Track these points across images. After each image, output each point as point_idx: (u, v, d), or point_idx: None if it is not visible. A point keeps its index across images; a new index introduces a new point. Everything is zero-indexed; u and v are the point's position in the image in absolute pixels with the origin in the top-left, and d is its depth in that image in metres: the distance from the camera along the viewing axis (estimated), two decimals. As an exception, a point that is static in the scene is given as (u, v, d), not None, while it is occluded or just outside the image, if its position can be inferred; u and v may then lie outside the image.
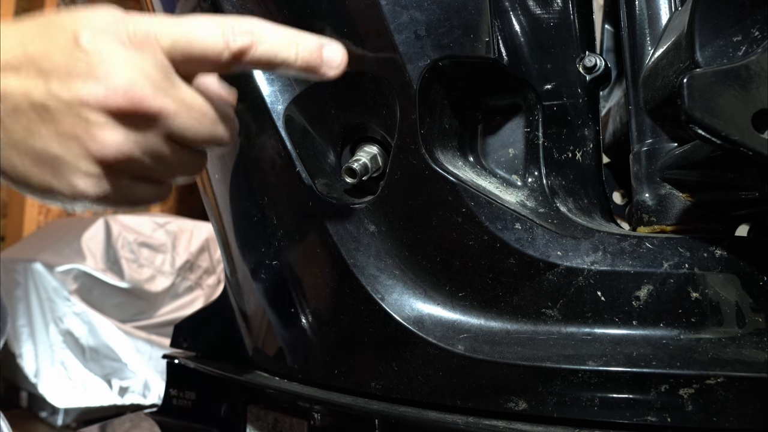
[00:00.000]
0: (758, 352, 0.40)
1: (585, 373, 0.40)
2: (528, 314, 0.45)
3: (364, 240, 0.49)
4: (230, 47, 0.37)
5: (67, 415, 2.48)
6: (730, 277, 0.42)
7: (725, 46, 0.37)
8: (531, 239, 0.45)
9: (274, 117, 0.52)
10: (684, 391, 0.39)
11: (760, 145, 0.34)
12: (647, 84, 0.45)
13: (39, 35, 0.36)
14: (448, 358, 0.44)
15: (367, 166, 0.50)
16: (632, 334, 0.42)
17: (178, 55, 0.36)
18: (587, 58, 0.50)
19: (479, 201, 0.45)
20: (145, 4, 0.66)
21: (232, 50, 0.37)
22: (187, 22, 0.37)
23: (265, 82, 0.52)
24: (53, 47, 0.35)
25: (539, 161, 0.49)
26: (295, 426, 0.55)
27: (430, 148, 0.47)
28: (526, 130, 0.50)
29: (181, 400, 0.69)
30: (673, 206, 0.47)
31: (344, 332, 0.50)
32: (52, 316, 2.49)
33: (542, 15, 0.50)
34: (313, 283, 0.53)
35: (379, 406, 0.47)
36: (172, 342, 0.74)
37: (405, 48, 0.46)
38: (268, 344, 0.58)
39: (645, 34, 0.50)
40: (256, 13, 0.52)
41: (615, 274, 0.43)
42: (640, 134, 0.50)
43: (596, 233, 0.44)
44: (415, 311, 0.47)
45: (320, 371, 0.52)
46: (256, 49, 0.37)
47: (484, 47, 0.46)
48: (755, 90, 0.35)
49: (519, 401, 0.42)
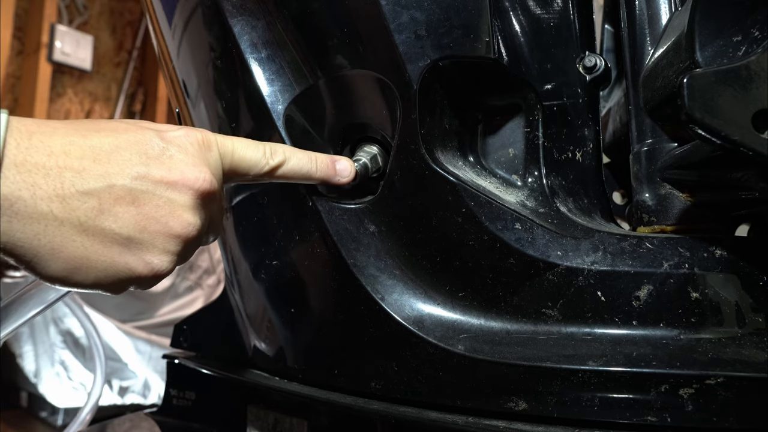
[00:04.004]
0: (758, 352, 0.40)
1: (585, 373, 0.40)
2: (528, 314, 0.45)
3: (364, 240, 0.49)
4: (269, 163, 0.45)
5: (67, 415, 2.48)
6: (730, 277, 0.42)
7: (725, 46, 0.37)
8: (531, 239, 0.45)
9: (274, 117, 0.52)
10: (684, 391, 0.39)
11: (760, 145, 0.34)
12: (647, 84, 0.45)
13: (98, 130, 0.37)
14: (448, 358, 0.44)
15: (367, 166, 0.50)
16: (632, 334, 0.42)
17: (228, 162, 0.43)
18: (587, 58, 0.50)
19: (479, 201, 0.45)
20: (145, 4, 0.66)
21: (271, 165, 0.45)
22: (238, 140, 0.44)
23: (265, 82, 0.52)
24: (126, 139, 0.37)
25: (539, 161, 0.49)
26: (295, 426, 0.55)
27: (430, 148, 0.47)
28: (526, 130, 0.50)
29: (181, 400, 0.69)
30: (673, 206, 0.47)
31: (344, 332, 0.50)
32: (52, 316, 2.49)
33: (542, 15, 0.50)
34: (313, 283, 0.53)
35: (379, 406, 0.47)
36: (172, 342, 0.74)
37: (405, 48, 0.46)
38: (268, 344, 0.58)
39: (645, 34, 0.50)
40: (256, 12, 0.52)
41: (615, 274, 0.43)
42: (640, 134, 0.50)
43: (596, 233, 0.44)
44: (415, 311, 0.47)
45: (320, 371, 0.52)
46: (287, 165, 0.46)
47: (484, 47, 0.46)
48: (755, 90, 0.35)
49: (519, 401, 0.42)
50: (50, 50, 2.60)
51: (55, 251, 0.34)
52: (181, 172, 0.38)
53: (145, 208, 0.37)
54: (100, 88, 2.91)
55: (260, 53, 0.52)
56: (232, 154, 0.43)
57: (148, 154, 0.38)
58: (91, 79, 2.87)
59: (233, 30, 0.52)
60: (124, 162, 0.36)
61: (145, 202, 0.37)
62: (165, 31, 0.62)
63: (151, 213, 0.37)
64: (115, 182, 0.36)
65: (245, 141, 0.45)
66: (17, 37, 2.58)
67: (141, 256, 0.37)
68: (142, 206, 0.37)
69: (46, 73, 2.58)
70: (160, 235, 0.37)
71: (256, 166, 0.45)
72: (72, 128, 0.36)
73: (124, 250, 0.36)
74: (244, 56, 0.52)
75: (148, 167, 0.37)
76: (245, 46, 0.52)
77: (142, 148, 0.38)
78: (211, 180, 0.40)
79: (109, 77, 2.95)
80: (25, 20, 2.62)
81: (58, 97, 2.72)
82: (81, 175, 0.35)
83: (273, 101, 0.52)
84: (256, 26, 0.52)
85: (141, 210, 0.37)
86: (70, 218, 0.34)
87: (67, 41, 2.67)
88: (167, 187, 0.38)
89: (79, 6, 2.82)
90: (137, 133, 0.38)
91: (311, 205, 0.51)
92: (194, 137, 0.41)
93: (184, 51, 0.60)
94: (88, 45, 2.79)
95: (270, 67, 0.52)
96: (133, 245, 0.37)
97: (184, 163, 0.39)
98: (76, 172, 0.35)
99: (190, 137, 0.40)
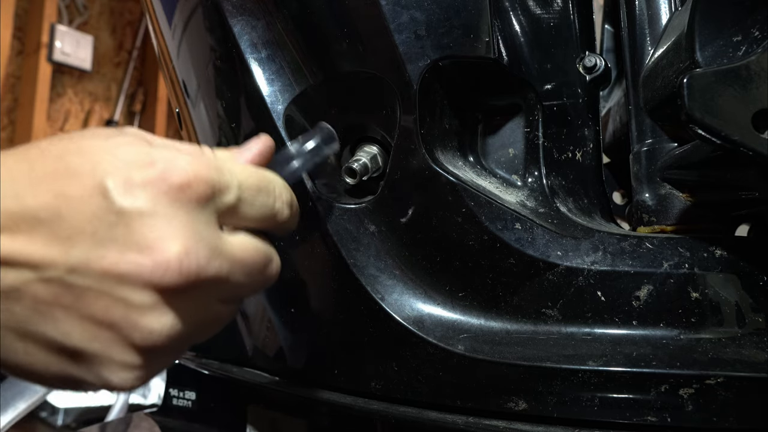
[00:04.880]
0: (758, 352, 0.40)
1: (585, 373, 0.40)
2: (528, 314, 0.45)
3: (364, 240, 0.49)
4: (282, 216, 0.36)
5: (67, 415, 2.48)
6: (730, 277, 0.42)
7: (725, 46, 0.37)
8: (531, 239, 0.45)
9: (274, 117, 0.52)
10: (684, 391, 0.39)
11: (760, 145, 0.34)
12: (647, 84, 0.45)
13: (40, 181, 0.27)
14: (448, 358, 0.44)
15: (367, 166, 0.50)
16: (632, 334, 0.42)
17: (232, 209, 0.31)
18: (587, 58, 0.50)
19: (479, 201, 0.45)
20: (145, 4, 0.66)
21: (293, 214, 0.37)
22: (243, 175, 0.32)
23: (265, 82, 0.52)
24: (68, 202, 0.26)
25: (539, 161, 0.49)
26: (295, 426, 0.55)
27: (430, 148, 0.47)
28: (526, 130, 0.50)
29: (181, 400, 0.69)
30: (673, 206, 0.47)
31: (344, 332, 0.50)
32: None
33: (542, 15, 0.50)
34: (312, 283, 0.53)
35: (379, 406, 0.47)
36: (172, 342, 0.74)
37: (405, 48, 0.46)
38: (268, 344, 0.58)
39: (645, 34, 0.50)
40: (256, 12, 0.52)
41: (615, 274, 0.43)
42: (640, 134, 0.50)
43: (596, 233, 0.44)
44: (415, 311, 0.47)
45: (320, 371, 0.52)
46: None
47: (484, 47, 0.46)
48: (755, 90, 0.35)
49: (519, 401, 0.42)
50: (50, 50, 2.60)
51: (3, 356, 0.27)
52: (135, 260, 0.26)
53: (92, 311, 0.27)
54: (100, 88, 2.91)
55: (260, 53, 0.52)
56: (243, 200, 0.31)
57: (93, 229, 0.26)
58: (91, 79, 2.87)
59: (233, 30, 0.52)
60: (60, 243, 0.26)
61: (90, 303, 0.27)
62: (165, 31, 0.62)
63: (100, 317, 0.27)
64: (50, 275, 0.26)
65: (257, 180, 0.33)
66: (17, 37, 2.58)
67: (95, 371, 0.28)
68: (87, 308, 0.27)
69: (46, 73, 2.58)
70: (116, 345, 0.27)
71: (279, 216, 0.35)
72: (8, 181, 0.26)
73: (74, 364, 0.28)
74: (244, 56, 0.52)
75: (90, 251, 0.26)
76: (245, 46, 0.52)
77: (85, 215, 0.26)
78: (185, 261, 0.27)
79: (109, 77, 2.95)
80: (25, 20, 2.62)
81: (58, 97, 2.72)
82: (11, 266, 0.26)
83: (273, 101, 0.52)
84: (256, 26, 0.52)
85: (86, 313, 0.27)
86: (8, 322, 0.26)
87: (67, 41, 2.67)
88: (117, 282, 0.26)
89: (79, 6, 2.82)
90: (84, 190, 0.27)
91: (311, 205, 0.51)
92: (172, 183, 0.28)
93: (184, 51, 0.60)
94: (88, 45, 2.79)
95: (270, 67, 0.52)
96: (84, 358, 0.27)
97: (145, 239, 0.27)
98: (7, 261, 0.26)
99: (163, 186, 0.28)
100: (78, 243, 0.26)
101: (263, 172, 0.35)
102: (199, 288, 0.29)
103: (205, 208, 0.29)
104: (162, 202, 0.27)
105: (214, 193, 0.30)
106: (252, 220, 0.33)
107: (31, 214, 0.26)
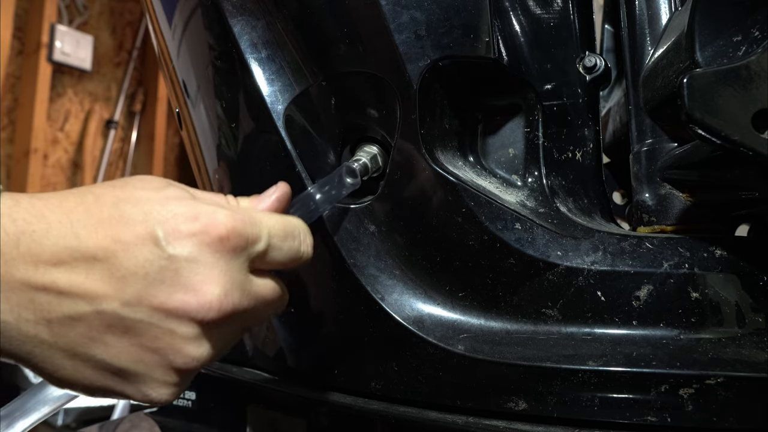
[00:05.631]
0: (758, 352, 0.40)
1: (585, 373, 0.40)
2: (528, 314, 0.45)
3: (364, 240, 0.49)
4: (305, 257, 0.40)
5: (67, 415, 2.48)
6: (730, 277, 0.42)
7: (725, 46, 0.37)
8: (531, 239, 0.45)
9: (274, 117, 0.52)
10: (684, 391, 0.39)
11: (760, 145, 0.34)
12: (647, 84, 0.45)
13: (98, 225, 0.31)
14: (448, 358, 0.44)
15: (367, 166, 0.50)
16: (632, 334, 0.42)
17: (261, 255, 0.36)
18: (587, 58, 0.50)
19: (479, 201, 0.45)
20: (145, 4, 0.66)
21: (305, 258, 0.40)
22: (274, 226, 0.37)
23: (265, 82, 0.52)
24: (123, 247, 0.31)
25: (539, 161, 0.49)
26: (295, 426, 0.55)
27: (430, 148, 0.47)
28: (526, 130, 0.50)
29: (181, 400, 0.69)
30: (673, 206, 0.47)
31: (344, 332, 0.50)
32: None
33: (542, 15, 0.50)
34: (312, 283, 0.53)
35: (379, 406, 0.47)
36: (172, 342, 0.74)
37: (405, 48, 0.46)
38: (268, 344, 0.58)
39: (645, 34, 0.50)
40: (256, 12, 0.52)
41: (615, 274, 0.43)
42: (640, 134, 0.50)
43: (596, 233, 0.45)
44: (415, 311, 0.47)
45: (320, 371, 0.52)
46: None
47: (484, 47, 0.46)
48: (755, 90, 0.35)
49: (519, 401, 0.42)
50: (50, 50, 2.60)
51: (49, 371, 0.31)
52: (183, 299, 0.32)
53: (141, 339, 0.32)
54: (100, 88, 2.91)
55: (260, 53, 0.52)
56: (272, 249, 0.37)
57: (146, 271, 0.31)
58: (91, 79, 2.87)
59: (233, 30, 0.52)
60: (116, 281, 0.31)
61: (140, 332, 0.32)
62: (165, 31, 0.62)
63: (148, 344, 0.32)
64: (104, 308, 0.31)
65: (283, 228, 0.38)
66: (17, 37, 2.58)
67: (137, 387, 0.33)
68: (136, 337, 0.32)
69: (46, 73, 2.58)
70: (159, 367, 0.33)
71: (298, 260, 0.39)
72: (67, 222, 0.31)
73: (119, 380, 0.33)
74: (244, 56, 0.52)
75: (143, 290, 0.31)
76: (245, 46, 0.52)
77: (138, 259, 0.31)
78: (224, 302, 0.33)
79: (109, 77, 2.95)
80: (25, 20, 2.62)
81: (58, 97, 2.72)
82: (69, 297, 0.30)
83: (273, 101, 0.52)
84: (256, 26, 0.52)
85: (135, 341, 0.32)
86: (59, 343, 0.31)
87: (67, 41, 2.67)
88: (166, 316, 0.32)
89: (79, 6, 2.82)
90: (137, 237, 0.31)
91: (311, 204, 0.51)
92: (214, 236, 0.33)
93: (184, 51, 0.60)
94: (88, 45, 2.79)
95: (270, 67, 0.52)
96: (128, 376, 0.33)
97: (191, 282, 0.32)
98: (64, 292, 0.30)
99: (206, 237, 0.33)
100: (132, 282, 0.31)
101: (289, 219, 0.40)
102: (230, 322, 0.35)
103: (240, 256, 0.35)
104: (205, 252, 0.33)
105: (248, 244, 0.35)
106: (278, 263, 0.38)
107: (91, 253, 0.31)
